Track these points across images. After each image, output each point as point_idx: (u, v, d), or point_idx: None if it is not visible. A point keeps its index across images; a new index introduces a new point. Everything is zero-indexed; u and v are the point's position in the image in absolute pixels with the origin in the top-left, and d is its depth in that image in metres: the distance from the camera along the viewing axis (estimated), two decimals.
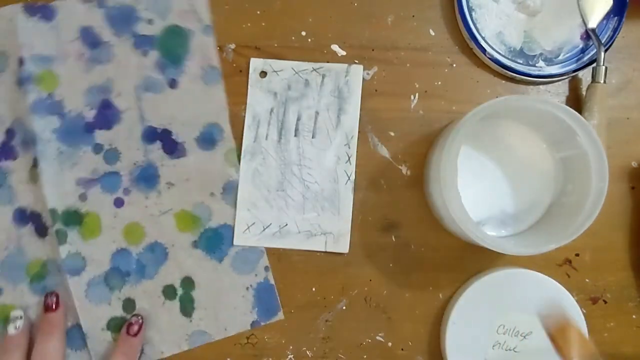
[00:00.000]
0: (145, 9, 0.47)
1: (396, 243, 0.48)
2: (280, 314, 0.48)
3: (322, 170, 0.48)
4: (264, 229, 0.48)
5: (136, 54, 0.47)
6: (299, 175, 0.48)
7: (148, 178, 0.47)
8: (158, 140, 0.47)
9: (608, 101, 0.47)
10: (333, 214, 0.48)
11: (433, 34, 0.49)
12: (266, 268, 0.47)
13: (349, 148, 0.48)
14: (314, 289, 0.48)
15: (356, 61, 0.49)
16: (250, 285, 0.47)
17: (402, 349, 0.48)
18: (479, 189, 0.46)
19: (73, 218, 0.47)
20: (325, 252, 0.48)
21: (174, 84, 0.47)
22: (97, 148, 0.47)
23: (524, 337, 0.45)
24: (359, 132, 0.48)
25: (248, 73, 0.48)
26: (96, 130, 0.47)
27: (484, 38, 0.47)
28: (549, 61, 0.48)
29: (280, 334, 0.48)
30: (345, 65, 0.48)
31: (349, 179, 0.48)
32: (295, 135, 0.48)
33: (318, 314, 0.48)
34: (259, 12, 0.49)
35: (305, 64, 0.48)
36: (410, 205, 0.48)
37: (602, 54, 0.46)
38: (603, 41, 0.47)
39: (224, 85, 0.48)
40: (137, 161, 0.47)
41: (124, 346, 0.45)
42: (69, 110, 0.47)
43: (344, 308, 0.48)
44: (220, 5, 0.49)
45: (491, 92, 0.49)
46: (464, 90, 0.49)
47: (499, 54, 0.47)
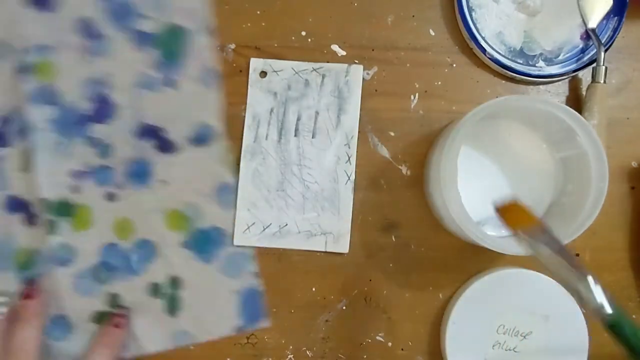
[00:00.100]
0: (145, 6, 0.47)
1: (396, 243, 0.48)
2: (266, 321, 0.47)
3: (322, 170, 0.48)
4: (264, 229, 0.48)
5: (134, 50, 0.47)
6: (299, 175, 0.48)
7: (141, 174, 0.47)
8: (152, 138, 0.47)
9: (608, 101, 0.47)
10: (333, 214, 0.48)
11: (433, 34, 0.49)
12: (255, 274, 0.47)
13: (349, 148, 0.48)
14: (314, 289, 0.48)
15: (356, 61, 0.49)
16: (238, 290, 0.47)
17: (402, 349, 0.48)
18: (479, 189, 0.46)
19: (65, 209, 0.47)
20: (325, 252, 0.48)
21: (171, 83, 0.47)
22: (92, 141, 0.47)
23: (524, 337, 0.45)
24: (359, 132, 0.48)
25: (248, 73, 0.48)
26: (92, 123, 0.47)
27: (484, 38, 0.47)
28: (549, 61, 0.48)
29: (280, 334, 0.48)
30: (345, 65, 0.48)
31: (349, 179, 0.48)
32: (295, 135, 0.48)
33: (318, 314, 0.48)
34: (259, 12, 0.49)
35: (305, 64, 0.48)
36: (410, 205, 0.48)
37: (602, 54, 0.46)
38: (603, 41, 0.47)
39: (221, 87, 0.48)
40: (131, 157, 0.47)
41: (106, 337, 0.45)
42: (66, 101, 0.47)
43: (344, 308, 0.48)
44: (220, 5, 0.49)
45: (491, 92, 0.49)
46: (464, 90, 0.49)
47: (499, 54, 0.47)
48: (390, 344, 0.48)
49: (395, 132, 0.48)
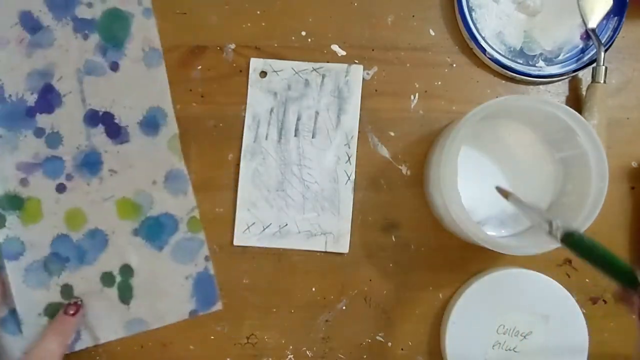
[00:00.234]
0: None
1: (396, 243, 0.48)
2: (219, 304, 0.48)
3: (322, 170, 0.48)
4: (264, 229, 0.48)
5: (77, 38, 0.48)
6: (299, 175, 0.48)
7: (91, 164, 0.47)
8: (101, 124, 0.48)
9: (608, 101, 0.47)
10: (333, 214, 0.48)
11: (433, 34, 0.49)
12: (206, 258, 0.48)
13: (349, 148, 0.48)
14: (314, 289, 0.48)
15: (356, 61, 0.49)
16: (190, 275, 0.48)
17: (402, 349, 0.48)
18: (479, 189, 0.46)
19: (13, 202, 0.47)
20: (325, 252, 0.48)
21: (115, 66, 0.48)
22: (39, 132, 0.47)
23: (524, 337, 0.45)
24: (359, 132, 0.48)
25: (248, 73, 0.48)
26: (37, 114, 0.47)
27: (484, 38, 0.47)
28: (549, 61, 0.48)
29: (280, 334, 0.48)
30: (345, 65, 0.48)
31: (349, 179, 0.48)
32: (295, 135, 0.48)
33: (318, 314, 0.48)
34: (259, 12, 0.49)
35: (305, 64, 0.48)
36: (410, 205, 0.48)
37: (602, 54, 0.46)
38: (603, 41, 0.47)
39: (165, 68, 0.48)
40: (80, 145, 0.47)
41: (59, 325, 0.46)
42: (9, 95, 0.47)
43: (344, 308, 0.48)
44: (220, 5, 0.49)
45: (491, 92, 0.49)
46: (464, 90, 0.49)
47: (499, 54, 0.47)
48: (390, 344, 0.48)
49: (395, 132, 0.48)
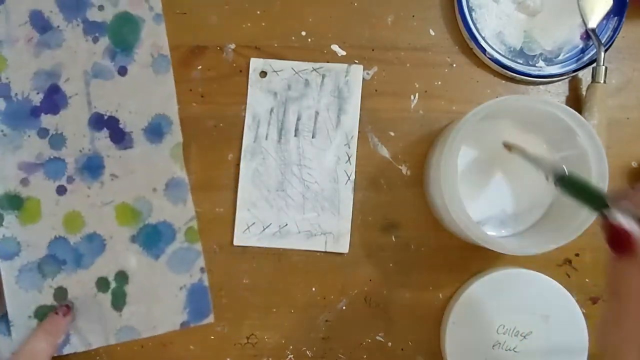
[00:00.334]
0: None
1: (396, 243, 0.48)
2: (211, 317, 0.48)
3: (322, 170, 0.48)
4: (264, 229, 0.48)
5: (87, 40, 0.48)
6: (299, 175, 0.48)
7: (93, 168, 0.47)
8: (105, 128, 0.48)
9: (608, 101, 0.47)
10: (333, 214, 0.48)
11: (433, 34, 0.49)
12: (202, 269, 0.48)
13: (349, 148, 0.48)
14: (314, 289, 0.48)
15: (356, 61, 0.49)
16: (184, 286, 0.47)
17: (402, 349, 0.48)
18: (478, 189, 0.46)
19: (13, 202, 0.47)
20: (325, 252, 0.48)
21: (123, 71, 0.48)
22: (43, 132, 0.47)
23: (524, 337, 0.45)
24: (359, 132, 0.48)
25: (248, 73, 0.48)
26: (42, 114, 0.47)
27: (484, 38, 0.47)
28: (549, 61, 0.48)
29: (280, 334, 0.48)
30: (345, 65, 0.48)
31: (349, 179, 0.48)
32: (295, 135, 0.48)
33: (318, 314, 0.48)
34: (259, 12, 0.49)
35: (305, 64, 0.48)
36: (410, 205, 0.48)
37: (602, 54, 0.46)
38: (603, 41, 0.47)
39: (173, 75, 0.48)
40: (83, 148, 0.47)
41: (48, 325, 0.45)
42: (16, 94, 0.47)
43: (344, 308, 0.48)
44: (220, 5, 0.49)
45: (491, 92, 0.49)
46: (464, 90, 0.49)
47: (499, 54, 0.47)
48: (390, 344, 0.48)
49: (395, 132, 0.48)
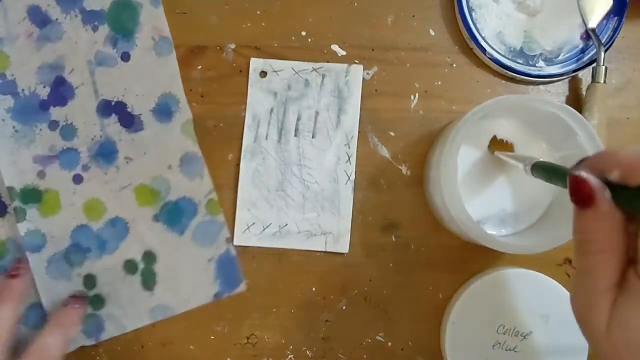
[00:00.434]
0: None
1: (396, 243, 0.48)
2: (243, 285, 0.48)
3: (322, 170, 0.48)
4: (264, 229, 0.48)
5: (86, 30, 0.48)
6: (299, 175, 0.48)
7: (106, 154, 0.48)
8: (114, 114, 0.48)
9: (608, 101, 0.47)
10: (333, 214, 0.48)
11: (433, 34, 0.49)
12: (227, 240, 0.48)
13: (349, 148, 0.48)
14: (314, 289, 0.48)
15: (356, 61, 0.49)
16: (212, 258, 0.48)
17: (402, 349, 0.48)
18: (478, 189, 0.46)
19: (32, 195, 0.47)
20: (325, 252, 0.48)
21: (126, 57, 0.48)
22: (53, 125, 0.48)
23: (524, 337, 0.45)
24: (359, 132, 0.48)
25: (248, 73, 0.48)
26: (51, 107, 0.48)
27: (484, 38, 0.47)
28: (549, 61, 0.48)
29: (280, 334, 0.48)
30: (345, 65, 0.48)
31: (349, 179, 0.48)
32: (295, 135, 0.48)
33: (318, 314, 0.48)
34: (259, 12, 0.49)
35: (305, 64, 0.48)
36: (410, 205, 0.48)
37: (602, 54, 0.46)
38: (603, 41, 0.47)
39: (175, 55, 0.48)
40: (95, 136, 0.48)
41: (60, 318, 0.44)
42: (22, 89, 0.48)
43: (344, 308, 0.48)
44: (220, 5, 0.49)
45: (491, 92, 0.49)
46: (464, 90, 0.49)
47: (499, 54, 0.47)
48: (390, 344, 0.48)
49: (395, 132, 0.48)
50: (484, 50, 0.47)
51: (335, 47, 0.49)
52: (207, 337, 0.48)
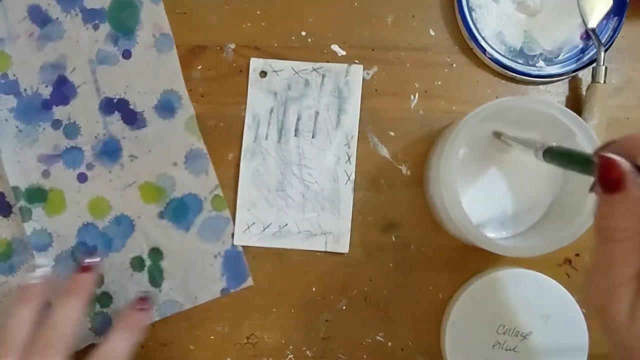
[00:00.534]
0: None
1: (396, 243, 0.48)
2: (250, 280, 0.48)
3: (322, 170, 0.48)
4: (264, 229, 0.48)
5: (87, 29, 0.48)
6: (299, 175, 0.48)
7: (110, 152, 0.48)
8: (116, 111, 0.48)
9: (608, 101, 0.47)
10: (333, 214, 0.48)
11: (433, 34, 0.49)
12: (233, 235, 0.48)
13: (349, 148, 0.48)
14: (314, 289, 0.48)
15: (356, 61, 0.49)
16: (218, 253, 0.48)
17: (402, 349, 0.48)
18: (478, 190, 0.46)
19: (37, 195, 0.47)
20: (325, 252, 0.48)
21: (127, 54, 0.48)
22: (56, 124, 0.48)
23: (524, 337, 0.45)
24: (359, 132, 0.48)
25: (248, 73, 0.48)
26: (54, 106, 0.48)
27: (484, 38, 0.47)
28: (549, 61, 0.48)
29: (280, 334, 0.48)
30: (345, 65, 0.48)
31: (349, 179, 0.48)
32: (295, 135, 0.48)
33: (318, 314, 0.48)
34: (259, 12, 0.49)
35: (305, 64, 0.48)
36: (410, 205, 0.48)
37: (602, 54, 0.46)
38: (603, 41, 0.47)
39: (176, 52, 0.48)
40: (98, 134, 0.48)
41: (127, 321, 0.42)
42: (25, 89, 0.48)
43: (344, 308, 0.48)
44: (220, 5, 0.49)
45: (491, 92, 0.49)
46: (464, 90, 0.49)
47: (499, 54, 0.47)
48: (390, 344, 0.48)
49: (395, 132, 0.48)
50: (484, 50, 0.47)
51: (335, 47, 0.49)
52: (207, 337, 0.48)
